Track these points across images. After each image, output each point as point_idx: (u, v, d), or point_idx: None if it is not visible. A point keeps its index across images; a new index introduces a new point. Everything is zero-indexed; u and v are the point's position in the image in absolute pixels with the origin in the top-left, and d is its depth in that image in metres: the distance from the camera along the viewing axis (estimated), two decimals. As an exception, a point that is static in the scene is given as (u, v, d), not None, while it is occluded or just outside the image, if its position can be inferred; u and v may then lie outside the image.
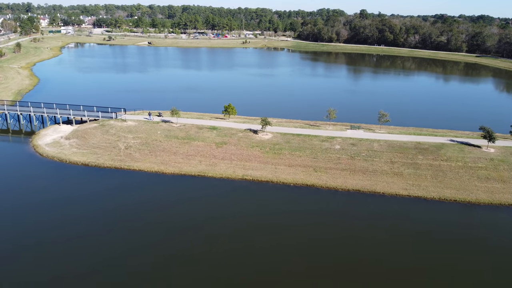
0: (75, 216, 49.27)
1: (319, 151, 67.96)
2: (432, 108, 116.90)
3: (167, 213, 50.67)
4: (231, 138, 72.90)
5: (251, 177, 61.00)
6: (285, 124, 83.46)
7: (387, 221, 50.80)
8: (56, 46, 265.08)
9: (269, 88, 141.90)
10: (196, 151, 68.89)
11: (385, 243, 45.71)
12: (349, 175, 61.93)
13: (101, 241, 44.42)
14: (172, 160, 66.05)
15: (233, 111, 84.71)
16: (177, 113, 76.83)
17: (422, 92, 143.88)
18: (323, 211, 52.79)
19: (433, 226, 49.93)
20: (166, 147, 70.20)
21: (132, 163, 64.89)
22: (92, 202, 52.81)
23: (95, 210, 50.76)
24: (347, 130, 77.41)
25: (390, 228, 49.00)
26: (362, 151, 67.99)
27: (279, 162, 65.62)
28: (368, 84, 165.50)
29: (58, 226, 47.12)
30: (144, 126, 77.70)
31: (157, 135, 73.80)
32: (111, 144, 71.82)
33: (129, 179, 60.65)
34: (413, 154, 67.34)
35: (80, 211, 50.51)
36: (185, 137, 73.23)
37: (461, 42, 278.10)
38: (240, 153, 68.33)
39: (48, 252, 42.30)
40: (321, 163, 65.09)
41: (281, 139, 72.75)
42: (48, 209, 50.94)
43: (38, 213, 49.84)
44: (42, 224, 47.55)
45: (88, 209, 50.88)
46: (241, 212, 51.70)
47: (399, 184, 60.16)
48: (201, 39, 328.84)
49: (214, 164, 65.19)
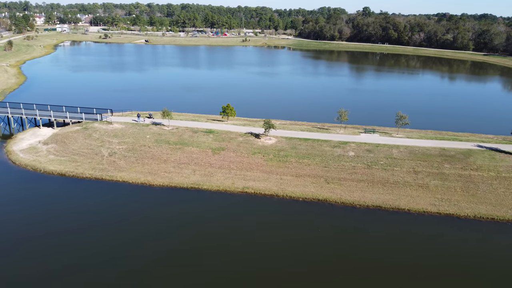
0: (33, 239, 40.57)
1: (331, 159, 59.28)
2: (445, 109, 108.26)
3: (152, 237, 41.98)
4: (229, 143, 64.25)
5: (253, 190, 52.33)
6: (290, 127, 74.82)
7: (417, 246, 42.14)
8: (49, 44, 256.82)
9: (271, 88, 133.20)
10: (189, 159, 60.23)
11: (417, 275, 37.08)
12: (367, 188, 53.27)
13: (67, 272, 35.76)
14: (161, 169, 57.37)
15: (232, 113, 76.05)
16: (169, 115, 68.15)
17: (431, 92, 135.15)
18: (339, 234, 44.11)
19: (473, 252, 41.33)
20: (155, 153, 61.53)
21: (116, 173, 56.19)
22: (60, 222, 44.08)
23: (61, 232, 42.06)
24: (361, 134, 68.73)
25: (421, 256, 40.34)
26: (380, 158, 59.33)
27: (285, 172, 56.95)
28: (373, 83, 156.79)
29: (11, 251, 38.44)
30: (131, 129, 69.01)
31: (146, 140, 65.11)
32: (93, 150, 63.13)
33: (110, 192, 51.95)
34: (438, 163, 58.70)
35: (43, 232, 41.79)
36: (178, 142, 64.54)
37: (467, 40, 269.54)
38: (240, 160, 59.68)
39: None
40: (333, 173, 56.41)
41: (286, 144, 64.10)
42: (3, 229, 42.26)
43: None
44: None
45: (53, 231, 42.16)
46: (241, 235, 43.02)
47: (426, 198, 51.53)
48: (199, 37, 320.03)
49: (210, 174, 56.51)
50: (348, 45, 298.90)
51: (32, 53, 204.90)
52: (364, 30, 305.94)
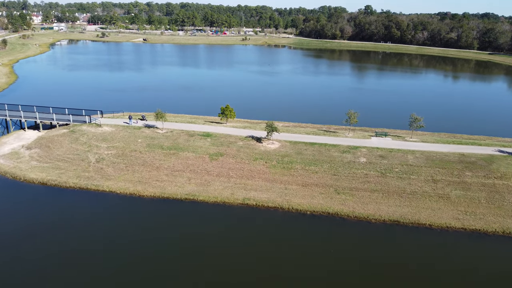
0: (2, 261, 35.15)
1: (340, 166, 53.77)
2: (453, 109, 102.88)
3: (139, 257, 36.52)
4: (228, 147, 58.74)
5: (255, 202, 46.83)
6: (294, 130, 69.32)
7: (442, 266, 36.67)
8: (45, 43, 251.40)
9: (272, 87, 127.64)
10: (184, 165, 54.72)
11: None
12: (382, 199, 47.78)
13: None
14: (153, 178, 51.85)
15: (232, 114, 70.55)
16: (162, 117, 62.57)
17: (437, 92, 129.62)
18: (353, 254, 38.60)
19: (506, 273, 35.88)
20: (147, 159, 56.00)
21: (102, 182, 50.69)
22: (32, 240, 38.61)
23: (32, 250, 36.58)
24: (372, 138, 63.18)
25: (448, 278, 34.87)
26: (395, 165, 53.84)
27: (290, 181, 51.47)
28: (377, 83, 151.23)
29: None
30: (122, 132, 63.47)
31: (137, 144, 59.57)
32: (80, 155, 57.61)
33: (94, 204, 46.45)
34: (458, 170, 53.23)
35: (11, 251, 36.34)
36: (172, 146, 59.00)
37: (472, 39, 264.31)
38: (240, 167, 54.18)
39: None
40: (344, 181, 50.92)
41: (290, 149, 58.59)
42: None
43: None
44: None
45: (24, 249, 36.73)
46: (242, 256, 37.55)
47: (448, 211, 46.05)
48: (198, 36, 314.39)
49: (207, 183, 51.01)
50: (350, 44, 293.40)
51: (27, 52, 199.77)
52: (366, 29, 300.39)
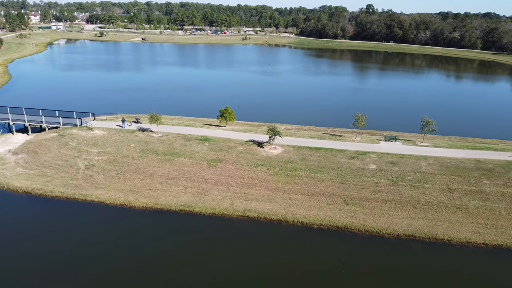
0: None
1: (349, 173, 49.89)
2: (460, 110, 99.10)
3: (128, 277, 32.64)
4: (228, 153, 54.85)
5: (256, 214, 42.95)
6: (297, 133, 65.42)
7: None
8: (42, 42, 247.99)
9: (272, 88, 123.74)
10: (180, 173, 50.82)
11: None
12: (395, 210, 43.91)
13: None
14: (146, 186, 47.96)
15: (231, 117, 66.59)
16: (157, 120, 58.65)
17: (441, 92, 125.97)
18: (366, 274, 34.75)
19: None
20: (140, 166, 52.10)
21: (91, 191, 46.81)
22: (10, 253, 34.74)
23: (8, 268, 32.73)
24: (381, 142, 59.25)
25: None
26: (407, 173, 49.96)
27: (295, 189, 47.58)
28: (380, 83, 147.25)
29: None
30: (114, 136, 59.57)
31: (130, 149, 55.66)
32: (68, 162, 53.72)
33: (81, 216, 42.56)
34: (476, 178, 49.37)
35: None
36: (167, 151, 55.10)
37: (475, 38, 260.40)
38: (240, 175, 50.30)
39: None
40: (353, 190, 47.03)
41: (294, 154, 54.70)
42: None
43: None
44: None
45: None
46: (242, 275, 33.69)
47: (467, 224, 42.18)
48: (198, 35, 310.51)
49: (205, 192, 47.12)
50: (351, 43, 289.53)
51: (23, 52, 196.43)
52: (368, 28, 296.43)
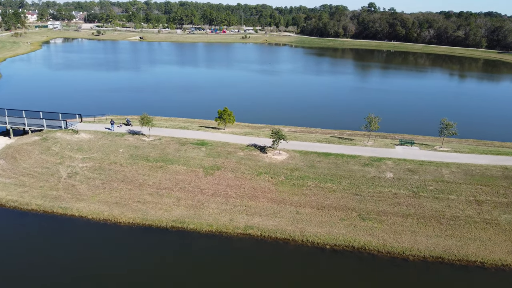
0: None
1: (363, 183, 44.38)
2: (473, 112, 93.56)
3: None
4: (227, 159, 49.32)
5: (259, 231, 37.43)
6: (302, 136, 59.87)
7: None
8: (38, 41, 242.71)
9: (274, 87, 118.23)
10: (173, 182, 45.29)
11: None
12: (418, 227, 38.40)
13: None
14: (134, 198, 42.43)
15: (231, 118, 61.05)
16: (149, 121, 53.08)
17: (450, 92, 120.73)
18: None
19: None
20: (128, 174, 46.55)
21: (72, 204, 41.29)
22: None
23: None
24: (396, 147, 53.70)
25: None
26: (428, 182, 44.44)
27: (303, 202, 42.05)
28: (386, 82, 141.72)
29: None
30: (101, 140, 54.00)
31: (118, 155, 50.11)
32: (49, 169, 48.19)
33: (57, 233, 37.06)
34: (504, 188, 43.88)
35: None
36: (159, 158, 49.55)
37: (480, 37, 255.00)
38: (241, 184, 44.78)
39: None
40: (369, 203, 41.51)
41: (301, 160, 49.16)
42: None
43: None
44: None
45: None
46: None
47: (501, 243, 36.70)
48: (197, 34, 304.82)
49: (201, 204, 41.60)
50: (353, 42, 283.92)
51: (16, 50, 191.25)
52: (370, 27, 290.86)
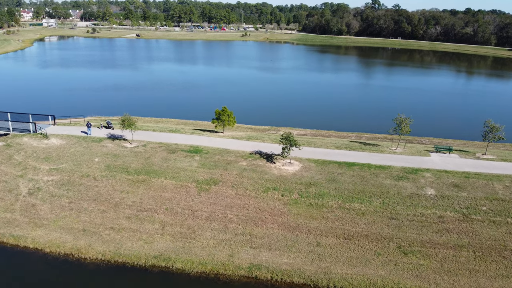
0: None
1: (399, 202, 35.08)
2: (496, 112, 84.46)
3: None
4: (226, 171, 40.00)
5: (269, 273, 28.14)
6: (315, 141, 50.51)
7: None
8: (30, 38, 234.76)
9: (277, 85, 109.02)
10: (158, 201, 36.01)
11: None
12: (477, 263, 29.15)
13: None
14: (107, 223, 33.16)
15: (230, 120, 51.64)
16: (131, 124, 43.76)
17: (459, 90, 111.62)
18: None
19: None
20: (102, 191, 37.24)
21: (28, 231, 32.03)
22: None
23: None
24: (431, 155, 44.38)
25: None
26: (480, 200, 35.17)
27: (324, 228, 32.77)
28: (393, 79, 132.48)
29: None
30: (75, 147, 44.72)
31: (92, 166, 40.79)
32: (7, 184, 38.88)
33: (2, 273, 27.87)
34: None
35: None
36: (142, 169, 40.19)
37: (489, 34, 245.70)
38: (244, 204, 35.48)
39: None
40: (409, 230, 32.21)
41: (318, 172, 39.81)
42: None
43: None
44: None
45: None
46: None
47: None
48: (196, 32, 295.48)
49: (192, 233, 32.32)
50: (357, 39, 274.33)
51: (6, 48, 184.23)
52: (375, 24, 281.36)
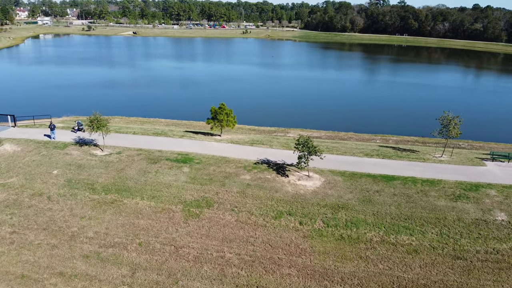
0: None
1: (462, 232, 25.39)
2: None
3: None
4: (224, 187, 30.32)
5: None
6: (337, 146, 40.82)
7: None
8: (22, 36, 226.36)
9: (281, 81, 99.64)
10: (129, 233, 26.32)
11: None
12: None
13: None
14: (55, 266, 23.51)
15: (230, 120, 41.91)
16: (102, 126, 34.16)
17: (470, 89, 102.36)
18: None
19: None
20: (57, 216, 27.58)
21: None
22: None
23: None
24: (487, 164, 34.73)
25: None
26: None
27: (363, 275, 23.11)
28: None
29: None
30: (31, 155, 35.09)
31: (49, 181, 31.14)
32: None
33: None
34: None
35: None
36: (112, 185, 30.49)
37: (499, 30, 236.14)
38: (248, 237, 25.77)
39: None
40: (483, 276, 22.38)
41: (346, 189, 30.14)
42: None
43: None
44: None
45: None
46: None
47: None
48: (195, 29, 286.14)
49: (174, 282, 22.62)
50: (362, 36, 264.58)
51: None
52: (380, 20, 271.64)
